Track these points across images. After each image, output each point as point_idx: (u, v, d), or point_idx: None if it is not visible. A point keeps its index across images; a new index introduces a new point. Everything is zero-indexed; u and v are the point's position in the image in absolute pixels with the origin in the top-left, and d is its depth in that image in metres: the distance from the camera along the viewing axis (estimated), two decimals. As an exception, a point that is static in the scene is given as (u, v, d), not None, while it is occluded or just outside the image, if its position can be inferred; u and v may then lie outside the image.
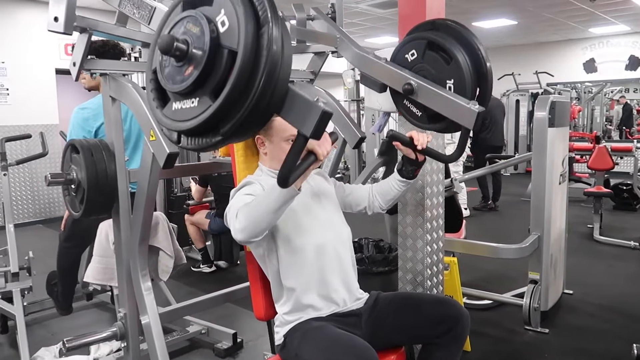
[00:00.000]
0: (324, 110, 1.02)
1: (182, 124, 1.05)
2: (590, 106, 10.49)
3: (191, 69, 1.02)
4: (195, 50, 1.01)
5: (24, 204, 6.40)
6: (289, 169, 1.17)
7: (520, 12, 7.77)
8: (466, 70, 1.57)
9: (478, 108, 1.48)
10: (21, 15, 6.18)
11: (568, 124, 3.36)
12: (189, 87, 1.02)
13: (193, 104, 1.04)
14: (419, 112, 1.68)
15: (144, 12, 1.53)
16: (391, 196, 1.82)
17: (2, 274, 2.97)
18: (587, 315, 3.15)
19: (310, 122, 1.04)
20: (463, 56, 1.58)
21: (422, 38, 1.66)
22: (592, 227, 5.05)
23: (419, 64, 1.67)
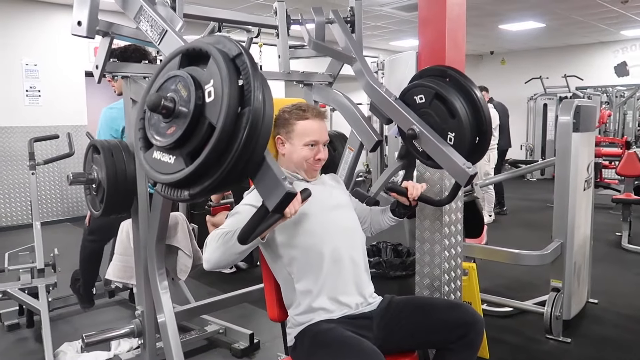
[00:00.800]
0: (288, 192, 1.12)
1: (159, 175, 1.16)
2: (622, 111, 10.20)
3: (173, 129, 1.11)
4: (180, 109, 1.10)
5: (53, 202, 6.59)
6: (249, 232, 1.25)
7: (548, 14, 7.62)
8: (467, 127, 1.72)
9: (472, 170, 1.64)
10: (53, 19, 6.37)
11: (594, 128, 3.29)
12: (169, 145, 1.11)
13: (170, 160, 1.13)
14: (420, 148, 1.81)
15: (155, 31, 1.58)
16: (381, 228, 1.96)
17: (28, 270, 3.06)
18: (611, 326, 3.06)
19: (274, 199, 1.14)
20: (466, 114, 1.73)
21: (431, 87, 1.79)
22: (620, 235, 4.92)
23: (425, 109, 1.81)
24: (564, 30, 8.90)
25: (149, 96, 1.12)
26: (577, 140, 2.87)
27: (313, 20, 2.30)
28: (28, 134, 5.04)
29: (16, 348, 2.93)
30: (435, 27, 2.23)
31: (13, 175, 6.23)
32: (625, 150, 5.62)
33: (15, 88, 6.20)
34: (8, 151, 6.16)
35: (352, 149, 2.22)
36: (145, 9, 1.62)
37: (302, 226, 1.63)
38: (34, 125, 6.22)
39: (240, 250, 1.39)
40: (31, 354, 2.83)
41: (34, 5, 6.28)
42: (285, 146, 1.74)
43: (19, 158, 6.14)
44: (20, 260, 3.11)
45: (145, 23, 1.61)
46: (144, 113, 1.20)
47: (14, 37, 6.17)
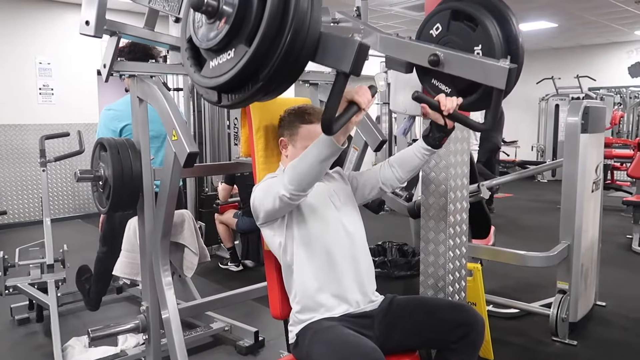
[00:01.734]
0: (361, 43, 1.02)
1: (222, 77, 1.06)
2: (636, 112, 10.07)
3: (223, 21, 1.04)
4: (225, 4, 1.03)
5: (64, 199, 6.68)
6: (331, 113, 1.15)
7: (561, 14, 7.55)
8: (494, 34, 1.49)
9: (509, 65, 1.37)
10: (66, 18, 6.45)
11: (603, 129, 3.25)
12: (223, 38, 1.04)
13: (229, 55, 1.05)
14: (447, 89, 1.60)
15: (173, 3, 1.57)
16: (412, 166, 1.75)
17: (38, 266, 3.11)
18: (619, 329, 3.04)
19: (348, 58, 1.03)
20: (490, 21, 1.50)
21: (446, 9, 1.60)
22: (631, 238, 4.86)
23: (444, 37, 1.61)
24: (576, 30, 8.81)
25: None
26: (585, 141, 2.84)
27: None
28: (40, 132, 5.11)
29: (26, 342, 2.98)
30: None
31: (26, 172, 6.32)
32: (637, 152, 5.55)
33: (28, 86, 6.30)
34: (21, 148, 6.26)
35: (357, 148, 2.23)
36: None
37: (307, 223, 1.64)
38: (47, 123, 6.31)
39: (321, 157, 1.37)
40: (40, 347, 2.88)
41: (48, 5, 6.36)
42: (289, 148, 1.75)
43: (31, 155, 6.23)
44: (30, 256, 3.16)
45: (161, 1, 1.62)
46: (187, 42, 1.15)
47: (28, 36, 6.26)
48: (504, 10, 1.51)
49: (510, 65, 1.37)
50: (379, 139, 2.09)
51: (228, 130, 4.72)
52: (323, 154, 1.37)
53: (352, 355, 1.42)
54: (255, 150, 1.86)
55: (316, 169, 1.40)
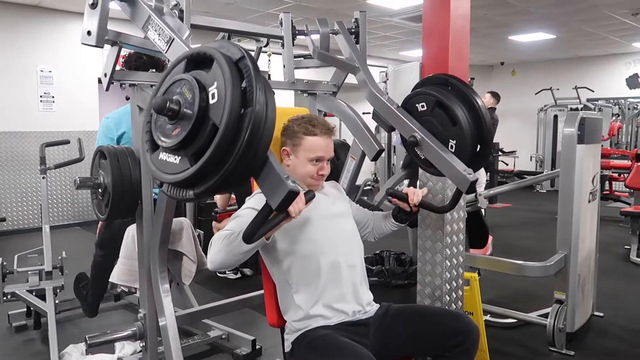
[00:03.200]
0: (291, 190, 1.14)
1: (165, 175, 1.18)
2: (635, 123, 10.11)
3: (178, 130, 1.14)
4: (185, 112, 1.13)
5: (64, 206, 6.69)
6: (254, 231, 1.27)
7: (559, 26, 7.62)
8: (468, 135, 1.73)
9: (472, 177, 1.64)
10: (68, 27, 6.51)
11: (600, 140, 3.28)
12: (174, 145, 1.14)
13: (176, 160, 1.16)
14: (422, 156, 1.82)
15: (163, 40, 1.62)
16: (383, 233, 1.98)
17: (36, 272, 3.12)
18: (616, 339, 3.04)
19: (277, 197, 1.16)
20: (467, 123, 1.74)
21: (433, 95, 1.81)
22: (629, 248, 4.87)
23: (427, 117, 1.83)
24: (574, 42, 8.88)
25: (155, 99, 1.15)
26: (581, 152, 2.86)
27: (318, 31, 2.34)
28: (41, 139, 5.13)
29: (23, 349, 2.97)
30: (439, 38, 2.25)
31: (25, 179, 6.34)
32: (635, 163, 5.57)
33: (29, 93, 6.33)
34: (21, 155, 6.28)
35: (354, 157, 2.24)
36: (153, 18, 1.66)
37: (303, 233, 1.66)
38: (47, 130, 6.34)
39: (245, 250, 1.41)
40: (37, 355, 2.87)
41: (50, 13, 6.42)
42: (291, 158, 1.76)
43: (31, 162, 6.25)
44: (29, 263, 3.16)
45: (153, 32, 1.66)
46: (150, 117, 1.23)
47: (30, 44, 6.31)
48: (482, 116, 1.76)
49: (472, 177, 1.65)
50: (376, 148, 2.10)
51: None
52: (246, 248, 1.41)
53: (352, 357, 1.43)
54: (253, 159, 1.87)
55: (238, 257, 1.46)
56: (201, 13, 2.03)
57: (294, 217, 1.29)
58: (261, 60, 3.17)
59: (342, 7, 6.24)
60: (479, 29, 7.60)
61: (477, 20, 6.81)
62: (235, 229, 1.45)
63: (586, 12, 6.71)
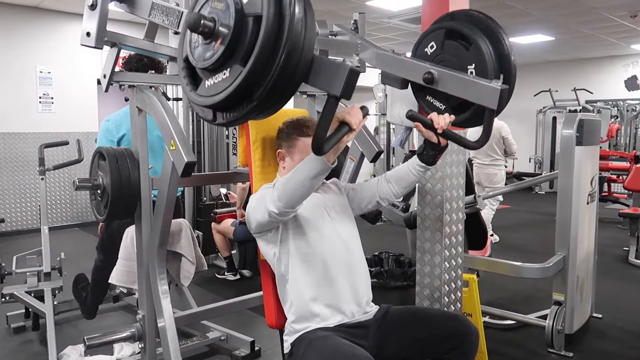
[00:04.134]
0: (352, 68, 1.05)
1: (217, 96, 1.09)
2: (633, 125, 10.14)
3: (219, 42, 1.06)
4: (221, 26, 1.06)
5: (63, 207, 6.68)
6: (321, 134, 1.17)
7: (558, 28, 7.63)
8: (487, 53, 1.54)
9: (500, 85, 1.42)
10: (67, 28, 6.51)
11: (598, 142, 3.28)
12: (219, 59, 1.06)
13: (225, 75, 1.07)
14: (441, 106, 1.65)
15: (172, 17, 1.60)
16: (407, 182, 1.78)
17: (35, 274, 3.11)
18: (615, 341, 3.04)
19: (339, 82, 1.06)
20: (483, 40, 1.55)
21: (440, 28, 1.66)
22: (627, 250, 4.88)
23: (439, 55, 1.66)
24: (573, 44, 8.90)
25: (188, 17, 1.08)
26: (580, 154, 2.87)
27: (317, 33, 2.34)
28: (40, 140, 5.13)
29: (21, 350, 2.97)
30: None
31: (25, 180, 6.34)
32: (633, 165, 5.58)
33: (28, 95, 6.33)
34: (20, 157, 6.28)
35: (353, 159, 2.25)
36: (157, 2, 1.66)
37: (303, 233, 1.66)
38: (46, 132, 6.34)
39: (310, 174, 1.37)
40: (36, 356, 2.87)
41: (49, 14, 6.42)
42: (287, 160, 1.76)
43: (30, 163, 6.25)
44: (27, 264, 3.16)
45: (160, 15, 1.64)
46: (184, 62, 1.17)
47: (29, 45, 6.31)
48: (496, 30, 1.56)
49: (501, 86, 1.42)
50: (375, 149, 2.11)
51: (227, 140, 4.74)
52: (313, 171, 1.38)
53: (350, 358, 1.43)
54: (252, 161, 1.88)
55: (306, 186, 1.41)
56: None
57: (356, 131, 1.29)
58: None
59: (341, 9, 6.25)
60: (478, 30, 7.60)
61: (476, 22, 6.80)
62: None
63: (585, 14, 6.72)
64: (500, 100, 1.42)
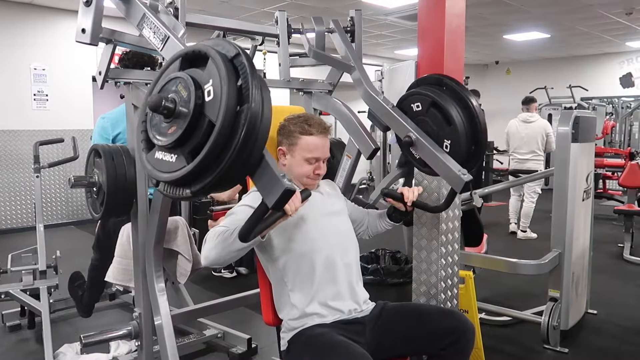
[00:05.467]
0: (287, 189, 1.13)
1: (161, 174, 1.18)
2: (628, 122, 10.18)
3: (174, 128, 1.13)
4: (180, 110, 1.12)
5: (58, 205, 6.65)
6: (250, 229, 1.26)
7: (553, 25, 7.65)
8: (463, 135, 1.75)
9: (467, 177, 1.63)
10: (61, 25, 6.47)
11: (594, 139, 3.29)
12: (170, 143, 1.14)
13: (172, 159, 1.16)
14: (417, 155, 1.82)
15: (158, 38, 1.61)
16: (377, 231, 1.98)
17: (30, 272, 3.10)
18: (610, 337, 3.06)
19: (273, 196, 1.16)
20: (462, 123, 1.76)
21: (428, 95, 1.82)
22: (622, 246, 4.91)
23: (422, 117, 1.85)
24: (569, 41, 8.92)
25: (151, 97, 1.14)
26: (575, 151, 2.88)
27: (313, 29, 2.33)
28: (35, 138, 5.11)
29: (17, 349, 2.96)
30: (434, 37, 2.26)
31: (20, 178, 6.30)
32: (628, 161, 5.60)
33: (23, 92, 6.29)
34: (15, 154, 6.24)
35: (350, 156, 2.24)
36: (148, 16, 1.65)
37: (299, 232, 1.66)
38: (41, 129, 6.31)
39: (239, 247, 1.39)
40: (32, 354, 2.86)
41: (44, 11, 6.38)
42: (287, 158, 1.75)
43: (25, 161, 6.21)
44: (22, 262, 3.15)
45: (148, 30, 1.65)
46: (146, 115, 1.23)
47: (24, 42, 6.27)
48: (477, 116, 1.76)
49: (467, 177, 1.64)
50: (371, 147, 2.10)
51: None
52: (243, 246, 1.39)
53: (347, 356, 1.44)
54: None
55: (233, 254, 1.44)
56: (196, 11, 2.02)
57: (290, 216, 1.28)
58: (257, 59, 3.16)
59: (337, 6, 6.24)
60: (474, 27, 7.62)
61: (472, 19, 6.83)
62: (230, 226, 1.45)
63: (580, 12, 6.74)
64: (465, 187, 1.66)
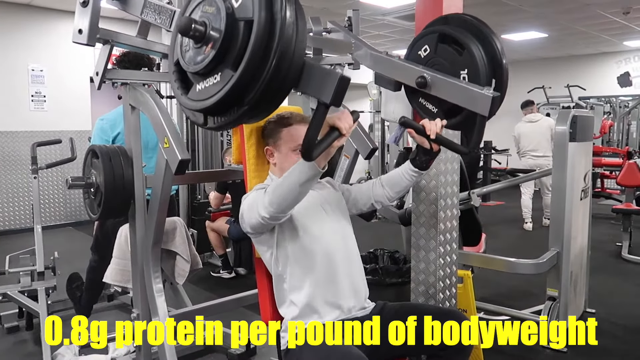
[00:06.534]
0: (342, 76, 1.05)
1: (208, 100, 1.08)
2: (626, 121, 10.19)
3: (210, 46, 1.05)
4: (212, 30, 1.05)
5: (56, 206, 6.64)
6: (311, 140, 1.16)
7: (551, 25, 7.66)
8: (479, 58, 1.55)
9: (492, 93, 1.44)
10: (59, 26, 6.46)
11: (592, 138, 3.30)
12: (210, 63, 1.06)
13: (216, 79, 1.07)
14: (434, 109, 1.66)
15: (164, 16, 1.59)
16: (401, 187, 1.79)
17: (28, 273, 3.10)
18: (608, 335, 3.06)
19: (329, 89, 1.06)
20: (476, 46, 1.57)
21: (433, 32, 1.67)
22: (620, 245, 4.91)
23: (432, 59, 1.67)
24: (566, 41, 8.93)
25: (179, 20, 1.08)
26: (573, 150, 2.88)
27: (311, 29, 2.33)
28: (33, 139, 5.09)
29: (15, 350, 2.95)
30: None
31: (17, 179, 6.29)
32: (626, 161, 5.61)
33: (21, 93, 6.28)
34: (13, 155, 6.23)
35: (348, 156, 2.25)
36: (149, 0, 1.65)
37: (298, 228, 1.65)
38: (39, 130, 6.30)
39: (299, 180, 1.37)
40: (30, 356, 2.86)
41: (41, 12, 6.37)
42: (275, 155, 1.76)
43: (23, 162, 6.20)
44: (20, 263, 3.15)
45: (152, 13, 1.63)
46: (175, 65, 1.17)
47: (21, 43, 6.26)
48: (488, 35, 1.58)
49: (493, 93, 1.43)
50: (369, 147, 2.11)
51: (221, 138, 4.73)
52: (304, 176, 1.38)
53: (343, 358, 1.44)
54: (246, 158, 1.87)
55: (297, 191, 1.41)
56: None
57: (346, 136, 1.27)
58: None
59: (335, 6, 6.24)
60: (472, 27, 7.61)
61: (469, 19, 6.81)
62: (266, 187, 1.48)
63: (578, 11, 6.75)
64: (492, 107, 1.44)
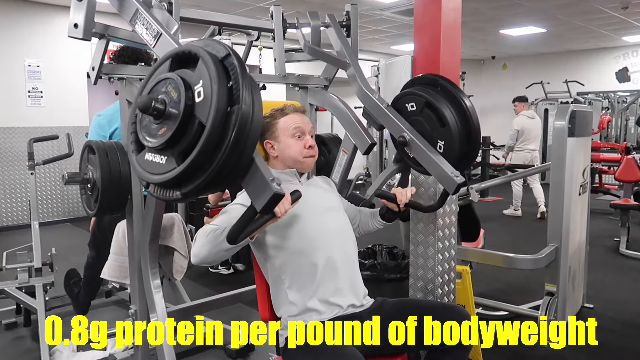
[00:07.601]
0: (275, 193, 1.14)
1: (150, 176, 1.17)
2: (624, 116, 10.20)
3: (164, 129, 1.12)
4: (170, 111, 1.12)
5: (54, 203, 6.63)
6: (238, 231, 1.26)
7: (549, 20, 7.64)
8: (456, 136, 1.76)
9: (459, 179, 1.66)
10: (56, 21, 6.43)
11: (590, 134, 3.30)
12: (160, 145, 1.13)
13: (162, 160, 1.15)
14: (411, 155, 1.85)
15: (150, 35, 1.59)
16: (369, 230, 1.96)
17: (26, 269, 3.08)
18: (606, 331, 3.06)
19: (262, 200, 1.16)
20: (456, 124, 1.77)
21: (422, 96, 1.83)
22: (618, 241, 4.92)
23: (416, 117, 1.86)
24: (565, 36, 8.92)
25: (140, 98, 1.14)
26: (572, 145, 2.87)
27: (309, 24, 2.32)
28: (29, 135, 5.05)
29: (13, 346, 2.95)
30: (430, 32, 2.25)
31: (14, 175, 6.27)
32: (624, 156, 5.62)
33: (17, 89, 6.26)
34: (10, 151, 6.21)
35: (346, 151, 2.23)
36: (141, 12, 1.64)
37: (294, 229, 1.64)
38: (36, 126, 6.27)
39: (228, 248, 1.39)
40: (28, 352, 2.85)
41: (38, 7, 6.33)
42: (275, 147, 1.75)
43: (20, 158, 6.18)
44: (18, 259, 3.13)
45: (141, 26, 1.63)
46: (136, 117, 1.22)
47: (18, 39, 6.23)
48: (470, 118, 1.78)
49: (460, 179, 1.67)
50: (368, 142, 2.09)
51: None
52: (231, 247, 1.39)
53: (339, 357, 1.44)
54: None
55: (221, 255, 1.43)
56: (191, 6, 2.00)
57: (280, 218, 1.28)
58: (252, 54, 3.15)
59: (334, 1, 6.21)
60: (470, 22, 7.61)
61: (468, 14, 6.81)
62: (221, 225, 1.43)
63: (576, 6, 6.74)
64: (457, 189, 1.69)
